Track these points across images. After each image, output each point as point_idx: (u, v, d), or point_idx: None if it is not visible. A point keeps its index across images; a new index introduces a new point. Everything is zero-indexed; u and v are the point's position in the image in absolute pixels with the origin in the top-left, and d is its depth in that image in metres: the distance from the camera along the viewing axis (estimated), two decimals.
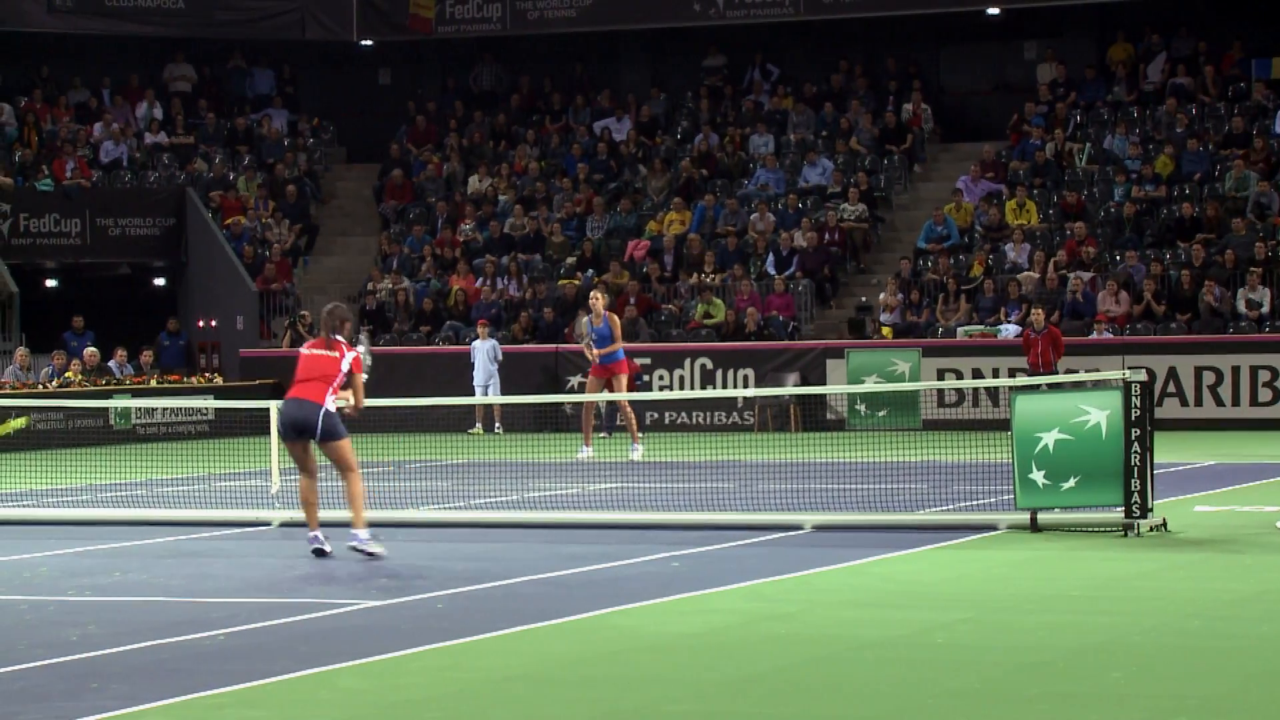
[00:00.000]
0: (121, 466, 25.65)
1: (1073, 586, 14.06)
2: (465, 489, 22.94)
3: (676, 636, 12.02)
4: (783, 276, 35.77)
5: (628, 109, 41.56)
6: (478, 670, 10.99)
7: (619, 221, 38.62)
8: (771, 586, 14.16)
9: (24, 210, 37.47)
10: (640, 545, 16.56)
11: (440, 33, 41.88)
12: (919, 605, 13.24)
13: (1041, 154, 37.47)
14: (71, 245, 37.96)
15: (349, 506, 16.24)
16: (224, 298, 38.04)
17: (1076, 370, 28.61)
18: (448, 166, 41.21)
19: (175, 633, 12.10)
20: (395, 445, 27.71)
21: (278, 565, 15.80)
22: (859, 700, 10.05)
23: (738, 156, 39.74)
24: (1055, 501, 17.04)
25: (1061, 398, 17.71)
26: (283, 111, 43.10)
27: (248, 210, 39.77)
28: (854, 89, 40.71)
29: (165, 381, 33.74)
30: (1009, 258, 35.07)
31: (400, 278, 38.04)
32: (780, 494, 20.37)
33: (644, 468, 24.99)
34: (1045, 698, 10.02)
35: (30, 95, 40.78)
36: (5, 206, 37.28)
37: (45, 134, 39.96)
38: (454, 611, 13.08)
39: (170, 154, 40.93)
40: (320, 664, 10.98)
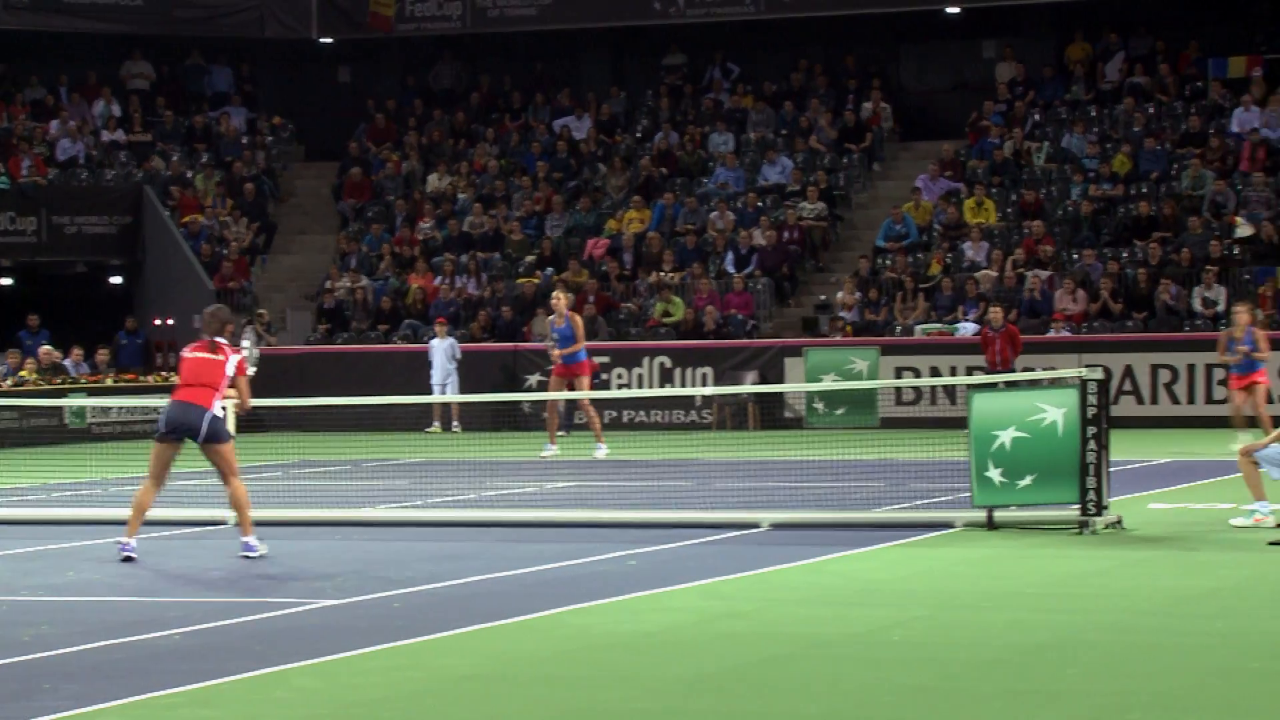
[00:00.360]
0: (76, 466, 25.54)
1: (1029, 584, 14.10)
2: (423, 488, 22.90)
3: (634, 635, 12.01)
4: (742, 275, 35.79)
5: (587, 107, 41.53)
6: (434, 669, 10.96)
7: (578, 220, 38.60)
8: (729, 585, 14.16)
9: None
10: (597, 544, 16.55)
11: (400, 31, 41.79)
12: (876, 603, 13.26)
13: (1000, 153, 37.57)
14: (27, 243, 37.76)
15: (233, 511, 16.14)
16: (181, 296, 37.85)
17: (1034, 368, 28.70)
18: (407, 165, 41.13)
19: (129, 632, 12.05)
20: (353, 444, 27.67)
21: (233, 565, 15.74)
22: (816, 697, 10.06)
23: (697, 155, 39.75)
24: (1012, 499, 17.08)
25: (1018, 396, 17.77)
26: (241, 109, 42.97)
27: (205, 208, 39.62)
28: (813, 88, 40.75)
29: (121, 380, 33.61)
30: (967, 256, 35.15)
31: (359, 276, 37.95)
32: (738, 492, 20.39)
33: (602, 466, 24.98)
34: (1001, 694, 10.04)
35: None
36: None
37: (1, 131, 39.75)
38: (410, 611, 13.05)
39: (127, 152, 40.77)
40: (276, 663, 10.94)
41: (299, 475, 24.43)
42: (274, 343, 36.40)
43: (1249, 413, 25.26)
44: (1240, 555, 15.43)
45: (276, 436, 30.09)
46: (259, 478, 23.41)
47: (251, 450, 25.07)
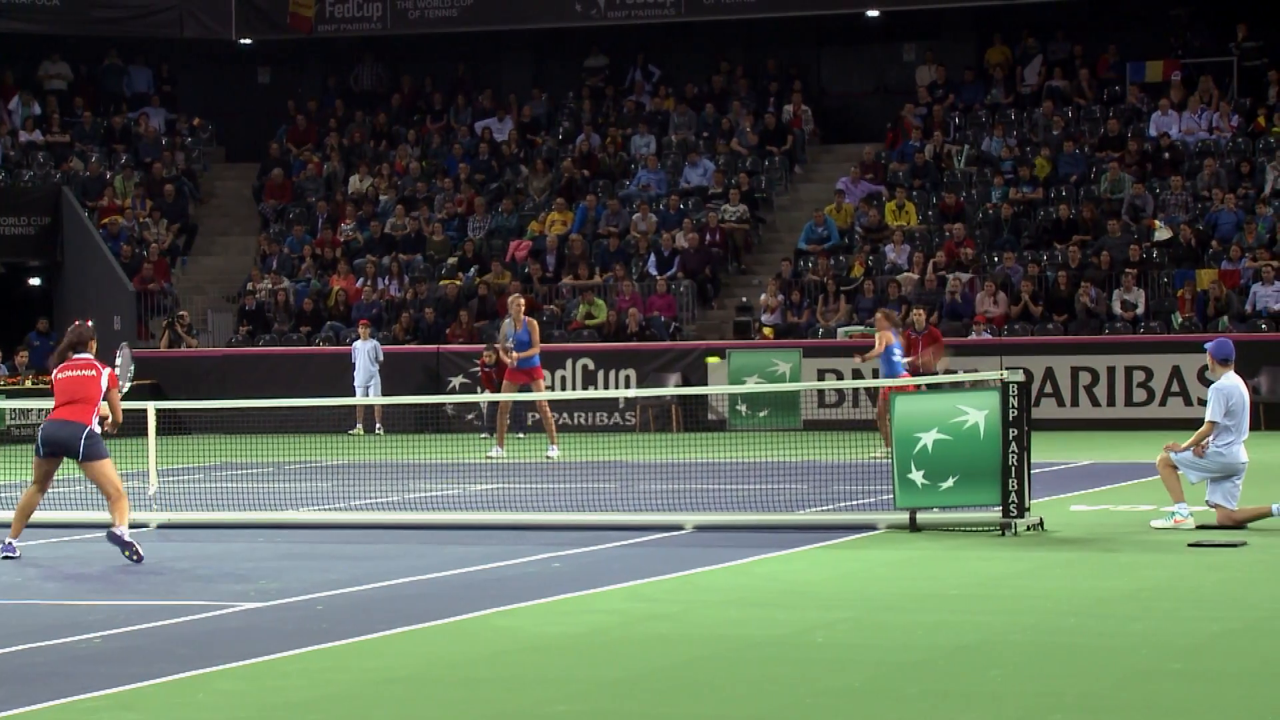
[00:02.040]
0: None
1: (951, 585, 14.16)
2: (346, 490, 22.82)
3: (559, 637, 12.01)
4: (664, 277, 35.83)
5: (509, 109, 41.50)
6: (359, 672, 10.93)
7: (501, 222, 38.55)
8: (653, 587, 14.17)
9: None
10: (522, 546, 16.54)
11: (320, 32, 41.64)
12: (800, 605, 13.29)
13: (920, 155, 37.75)
14: None
15: (111, 513, 16.12)
16: (101, 298, 37.60)
17: (955, 371, 28.83)
18: (328, 166, 40.99)
19: (50, 636, 11.96)
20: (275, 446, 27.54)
21: (155, 567, 15.65)
22: (741, 699, 10.08)
23: (619, 157, 39.78)
24: (934, 501, 17.15)
25: (940, 398, 17.84)
26: (160, 110, 42.72)
27: (125, 210, 39.36)
28: (735, 90, 40.85)
29: (40, 382, 33.33)
30: (889, 259, 35.31)
31: (280, 278, 37.79)
32: (662, 494, 20.40)
33: (526, 468, 24.96)
34: (925, 696, 10.09)
35: None
36: None
37: None
38: (334, 613, 13.01)
39: (45, 152, 40.46)
40: (199, 666, 10.88)
41: (221, 477, 24.31)
42: (195, 344, 36.21)
43: None
44: (1161, 557, 15.55)
45: (198, 438, 29.94)
46: (182, 480, 23.28)
47: (173, 452, 24.93)
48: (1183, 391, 30.71)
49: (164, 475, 20.72)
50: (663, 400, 32.03)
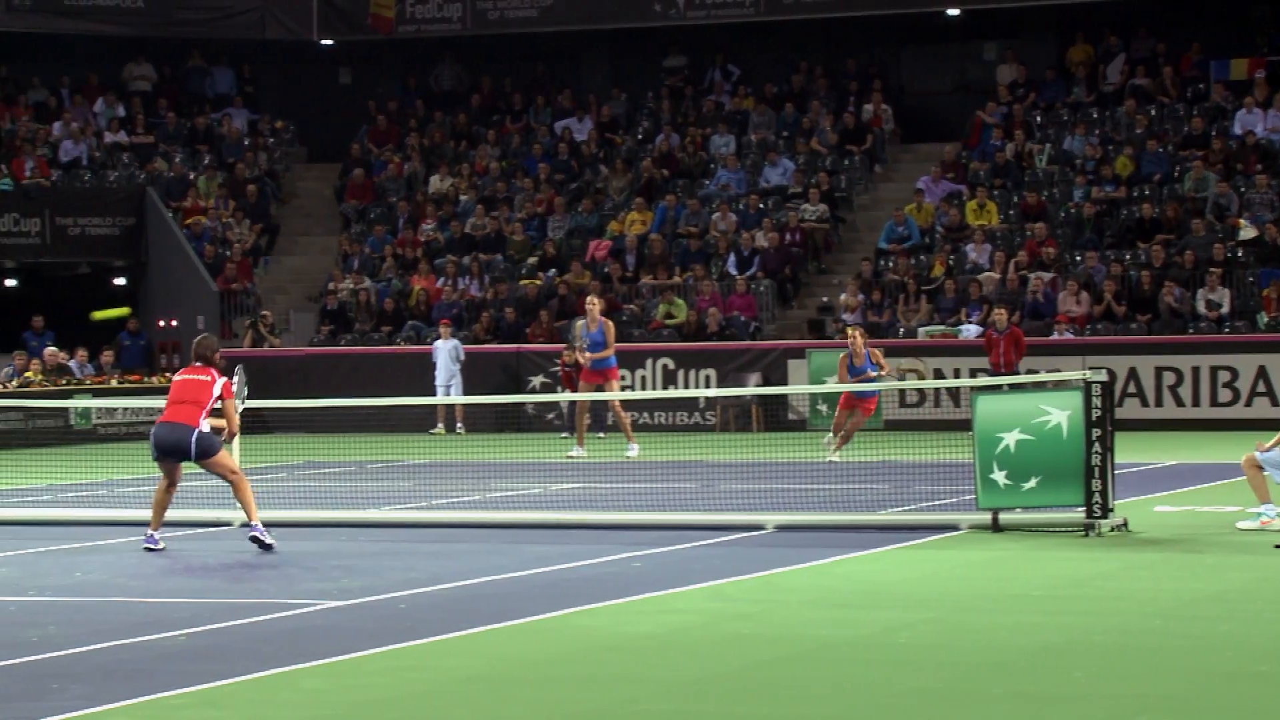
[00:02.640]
0: (82, 466, 25.54)
1: (1034, 586, 14.08)
2: (427, 489, 22.90)
3: (639, 637, 12.01)
4: (744, 277, 35.79)
5: (589, 109, 41.54)
6: (439, 671, 10.96)
7: (580, 221, 38.60)
8: (734, 586, 14.15)
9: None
10: (602, 545, 16.55)
11: (401, 32, 41.80)
12: (881, 605, 13.25)
13: (1002, 155, 37.56)
14: (31, 245, 37.77)
15: (241, 507, 16.76)
16: (185, 297, 37.88)
17: (1038, 370, 28.69)
18: (409, 166, 41.14)
19: (136, 633, 12.05)
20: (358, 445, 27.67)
21: (240, 565, 15.75)
22: (822, 700, 10.05)
23: (699, 157, 39.75)
24: (1016, 501, 17.07)
25: (1022, 398, 17.75)
26: (243, 111, 42.98)
27: (208, 210, 39.63)
28: (814, 89, 40.76)
29: (126, 381, 33.62)
30: (970, 258, 35.15)
31: (361, 278, 37.95)
32: (742, 494, 20.38)
33: (606, 468, 24.96)
34: (1008, 697, 10.03)
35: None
36: None
37: (4, 133, 39.77)
38: (416, 612, 13.05)
39: (130, 153, 40.78)
40: (282, 664, 10.94)
41: (304, 477, 24.44)
42: (277, 344, 36.41)
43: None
44: (1247, 558, 15.42)
45: (281, 438, 30.10)
46: (265, 479, 23.42)
47: (257, 452, 25.07)
48: (1269, 391, 30.46)
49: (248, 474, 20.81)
50: (743, 400, 31.99)
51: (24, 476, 24.71)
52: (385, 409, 27.27)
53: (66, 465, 25.74)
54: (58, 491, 22.86)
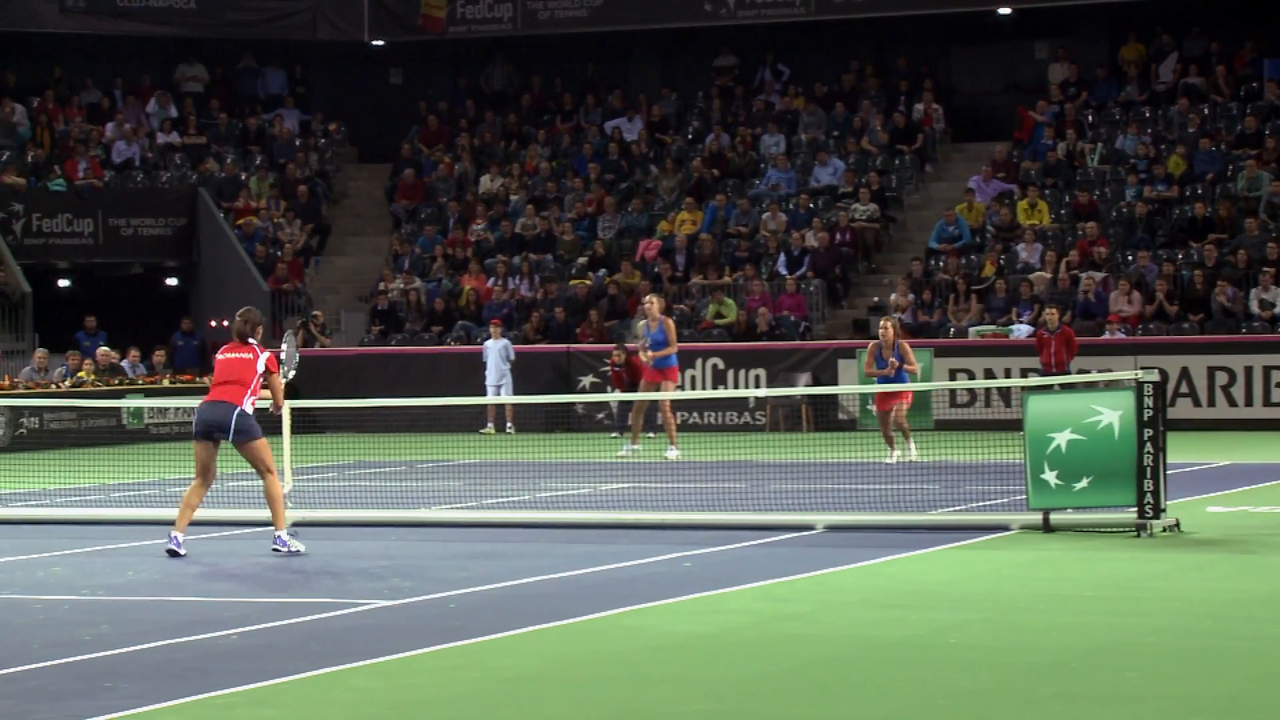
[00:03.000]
0: (134, 466, 25.66)
1: (1086, 587, 14.03)
2: (477, 489, 22.94)
3: (688, 636, 12.01)
4: (794, 276, 35.75)
5: (639, 109, 41.56)
6: (489, 670, 10.98)
7: (630, 221, 38.62)
8: (784, 586, 14.14)
9: (37, 210, 37.52)
10: (652, 545, 16.55)
11: (451, 33, 41.89)
12: (932, 605, 13.22)
13: (1053, 154, 37.43)
14: (84, 245, 38.01)
15: (268, 508, 16.33)
16: (236, 298, 37.86)
17: (1089, 370, 28.58)
18: (459, 166, 41.22)
19: (188, 632, 12.10)
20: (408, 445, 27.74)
21: (289, 565, 15.79)
22: (872, 700, 10.04)
23: (749, 156, 39.73)
24: (1068, 502, 17.01)
25: (1074, 398, 17.68)
26: (294, 111, 43.13)
27: (259, 210, 39.78)
28: (865, 89, 40.69)
29: (178, 381, 33.76)
30: (1021, 258, 35.03)
31: (412, 278, 38.05)
32: (792, 494, 20.36)
33: (656, 467, 24.96)
34: (1059, 698, 10.00)
35: (43, 95, 40.83)
36: (18, 207, 37.32)
37: (58, 134, 40.01)
38: (466, 611, 13.07)
39: (182, 154, 40.96)
40: (332, 663, 10.97)
41: (354, 476, 24.51)
42: (328, 344, 36.52)
43: None
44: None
45: (332, 437, 30.19)
46: (315, 479, 23.49)
47: (308, 451, 25.16)
48: None
49: (299, 474, 20.91)
50: (793, 400, 31.95)
51: (77, 476, 24.84)
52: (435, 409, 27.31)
53: (119, 465, 25.86)
54: (110, 491, 22.98)
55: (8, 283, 35.73)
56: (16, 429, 30.28)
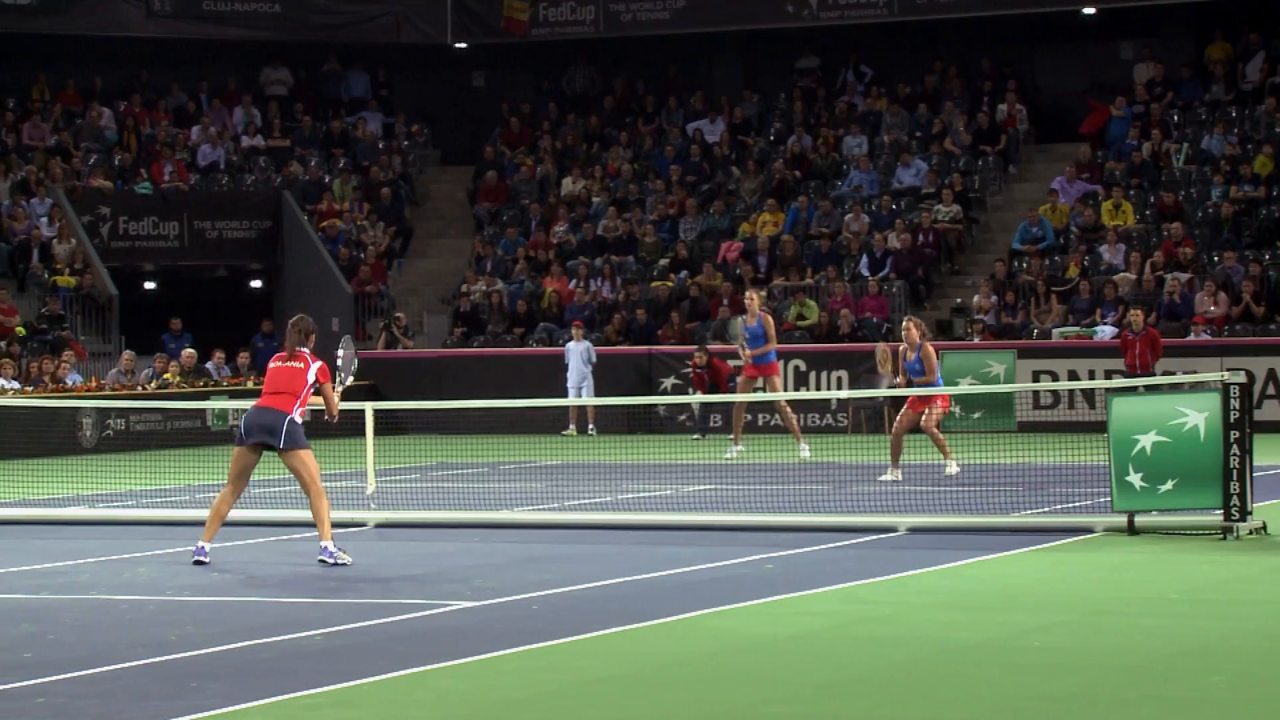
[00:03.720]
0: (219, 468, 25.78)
1: (1171, 589, 13.94)
2: (559, 490, 22.97)
3: (772, 638, 11.99)
4: (877, 278, 35.64)
5: (720, 110, 41.53)
6: (573, 671, 10.99)
7: (712, 223, 38.60)
8: (867, 589, 14.10)
9: (123, 213, 37.86)
10: (735, 547, 16.53)
11: (534, 35, 41.97)
12: (1015, 608, 13.15)
13: (1138, 154, 37.16)
14: (169, 248, 38.31)
15: (315, 524, 15.95)
16: (319, 300, 38.20)
17: (1174, 372, 28.37)
18: (541, 168, 41.30)
19: (272, 633, 12.17)
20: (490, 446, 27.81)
21: (373, 566, 15.86)
22: (955, 703, 9.99)
23: (831, 158, 39.64)
24: (1153, 504, 16.90)
25: (1159, 400, 17.57)
26: (378, 114, 43.32)
27: (343, 213, 39.98)
28: (948, 90, 40.53)
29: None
30: (1105, 259, 34.80)
31: (494, 280, 38.15)
32: (875, 496, 20.30)
33: (739, 469, 24.93)
34: (1145, 701, 9.93)
35: (129, 99, 41.18)
36: (105, 209, 37.67)
37: (144, 138, 40.34)
38: (549, 613, 13.09)
39: (266, 157, 41.22)
40: (416, 664, 11.01)
41: (437, 478, 24.59)
42: (410, 346, 36.67)
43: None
44: None
45: (414, 439, 30.30)
46: (398, 480, 23.59)
47: (391, 452, 25.26)
48: None
49: (381, 475, 21.00)
50: (875, 401, 31.84)
51: (162, 477, 25.03)
52: (517, 410, 27.36)
53: (203, 466, 26.03)
54: (195, 492, 23.13)
55: (94, 285, 36.07)
56: (103, 430, 30.54)
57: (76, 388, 31.21)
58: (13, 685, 10.49)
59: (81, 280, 35.93)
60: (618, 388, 33.19)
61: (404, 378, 34.35)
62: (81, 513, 20.44)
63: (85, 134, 39.90)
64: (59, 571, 15.78)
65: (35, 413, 26.22)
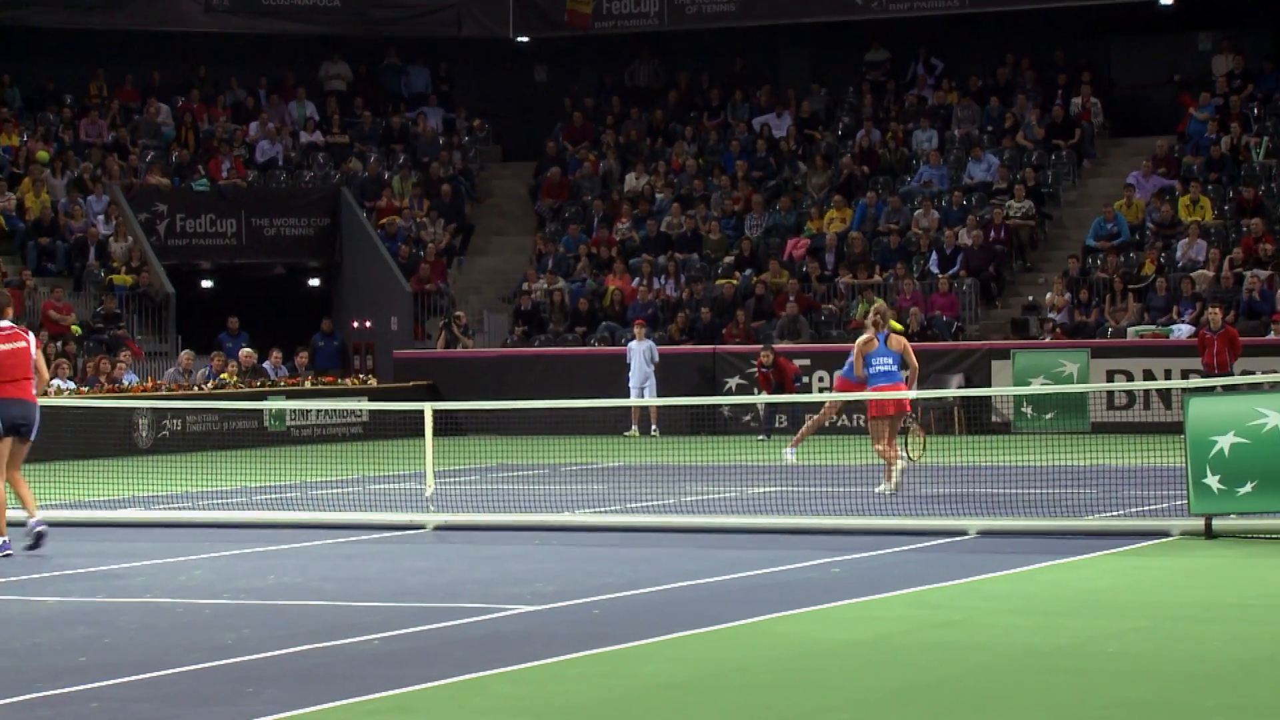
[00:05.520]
0: (276, 468, 25.95)
1: (1251, 595, 13.84)
2: (621, 492, 22.97)
3: (839, 644, 11.96)
4: (947, 275, 35.53)
5: (787, 104, 41.47)
6: (636, 677, 10.99)
7: (778, 219, 38.55)
8: (936, 593, 14.05)
9: (180, 210, 38.09)
10: (800, 550, 16.51)
11: (597, 28, 42.01)
12: (1089, 613, 13.09)
13: (1217, 148, 36.93)
14: (227, 245, 38.52)
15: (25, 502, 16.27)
16: (378, 298, 38.38)
17: (1253, 371, 28.18)
18: (604, 164, 41.33)
19: (330, 637, 12.21)
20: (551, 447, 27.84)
21: (432, 569, 15.90)
22: (1026, 711, 9.94)
23: (900, 152, 39.54)
24: (1231, 507, 16.79)
25: (1238, 400, 17.45)
26: (438, 109, 43.44)
27: (402, 210, 40.10)
28: (1020, 82, 40.36)
29: (319, 383, 34.10)
30: (1182, 255, 34.60)
31: (556, 278, 38.19)
32: (944, 498, 20.23)
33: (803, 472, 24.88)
34: (1222, 710, 9.86)
35: (187, 95, 41.41)
36: (162, 207, 37.90)
37: (202, 134, 40.56)
38: (611, 617, 13.09)
39: (325, 153, 41.38)
40: (476, 669, 11.02)
41: (496, 479, 24.63)
42: (471, 345, 36.74)
43: None
44: None
45: (474, 440, 30.37)
46: (457, 481, 23.64)
47: (450, 453, 25.31)
48: None
49: (441, 476, 21.05)
50: (945, 401, 31.73)
51: (219, 478, 25.15)
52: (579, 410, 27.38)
53: (260, 467, 26.16)
54: (252, 494, 23.24)
55: (151, 284, 36.29)
56: (160, 431, 30.72)
57: (133, 388, 31.40)
58: (68, 689, 10.56)
59: (138, 279, 36.16)
60: (681, 387, 33.17)
61: (464, 378, 34.42)
62: (137, 514, 20.55)
63: (142, 130, 40.15)
64: (114, 574, 15.88)
65: (91, 413, 26.38)
